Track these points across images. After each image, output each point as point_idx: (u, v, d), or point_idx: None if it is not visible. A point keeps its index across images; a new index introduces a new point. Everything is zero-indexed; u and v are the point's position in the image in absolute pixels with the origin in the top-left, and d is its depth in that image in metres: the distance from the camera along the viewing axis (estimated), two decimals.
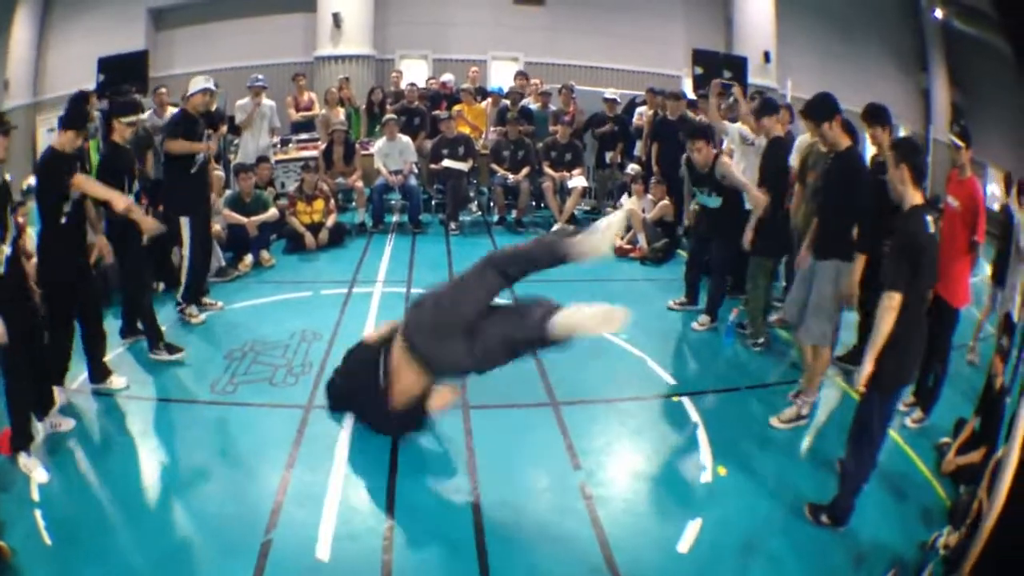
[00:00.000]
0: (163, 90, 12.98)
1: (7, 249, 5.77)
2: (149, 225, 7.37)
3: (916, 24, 18.85)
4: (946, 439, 6.45)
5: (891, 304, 4.93)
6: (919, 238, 5.01)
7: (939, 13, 18.17)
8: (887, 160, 5.33)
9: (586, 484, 5.86)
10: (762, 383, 7.81)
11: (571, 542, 5.24)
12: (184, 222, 8.65)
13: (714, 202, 8.73)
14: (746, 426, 6.89)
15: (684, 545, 5.20)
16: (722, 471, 6.09)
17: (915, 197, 5.12)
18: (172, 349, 7.96)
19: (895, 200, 5.28)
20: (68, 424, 6.56)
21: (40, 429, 6.30)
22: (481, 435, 6.55)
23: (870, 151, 7.74)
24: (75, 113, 6.79)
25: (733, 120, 10.22)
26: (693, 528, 5.36)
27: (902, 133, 19.35)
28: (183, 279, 8.87)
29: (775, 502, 5.75)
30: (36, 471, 5.90)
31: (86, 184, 6.53)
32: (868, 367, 5.01)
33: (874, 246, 6.33)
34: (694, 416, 6.98)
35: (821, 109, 6.59)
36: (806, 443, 6.71)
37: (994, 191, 9.56)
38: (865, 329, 7.21)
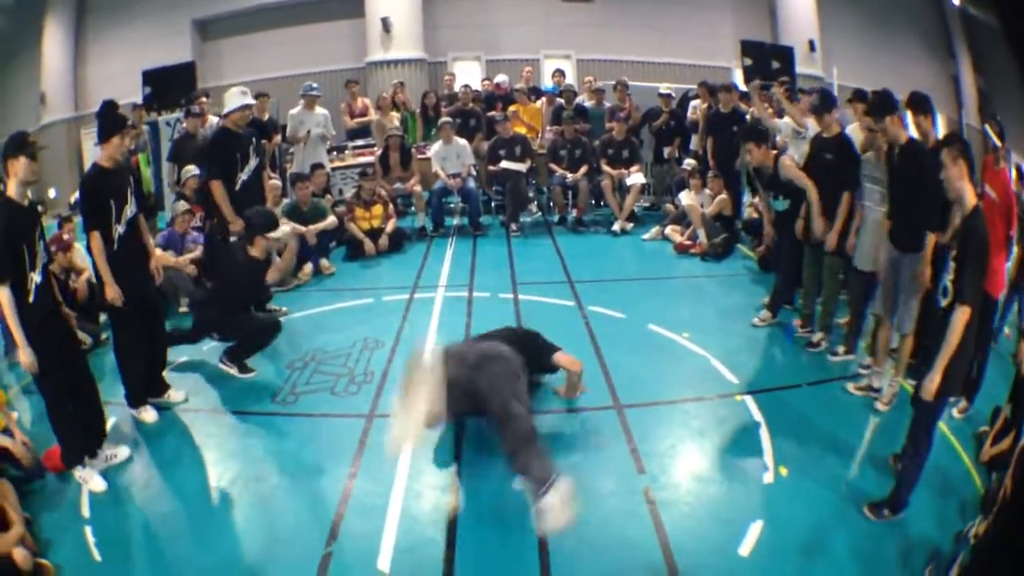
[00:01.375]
0: (204, 99, 13.01)
1: (37, 277, 5.74)
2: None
3: (940, 11, 18.71)
4: (985, 428, 6.36)
5: (965, 319, 4.86)
6: (987, 243, 4.93)
7: (956, 0, 17.97)
8: (943, 156, 5.17)
9: (650, 488, 5.80)
10: (822, 380, 7.65)
11: (633, 548, 5.18)
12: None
13: (781, 205, 8.60)
14: (807, 424, 6.77)
15: (745, 548, 5.13)
16: (784, 471, 6.00)
17: (973, 195, 5.04)
18: (244, 368, 7.95)
19: (952, 197, 5.19)
20: (123, 453, 6.49)
21: (95, 464, 6.24)
22: (546, 439, 6.42)
23: (857, 135, 7.86)
24: (107, 122, 6.68)
25: (781, 115, 10.10)
26: (754, 530, 5.29)
27: (939, 122, 19.19)
28: None
29: (834, 500, 5.67)
30: (93, 481, 6.00)
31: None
32: (937, 379, 4.97)
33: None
34: (756, 415, 6.87)
35: (882, 104, 6.61)
36: (865, 440, 6.60)
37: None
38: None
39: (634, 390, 7.29)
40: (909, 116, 7.14)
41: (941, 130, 16.58)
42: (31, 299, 5.67)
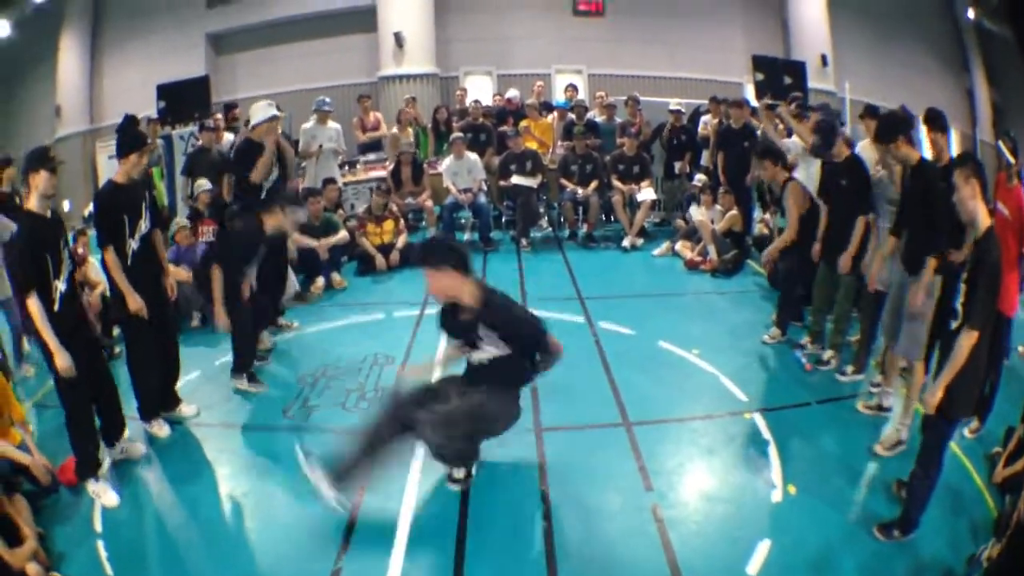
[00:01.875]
0: (218, 116, 13.14)
1: (62, 285, 5.88)
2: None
3: (955, 24, 18.73)
4: (998, 448, 6.31)
5: (972, 342, 4.84)
6: (999, 266, 4.90)
7: (971, 13, 17.99)
8: (955, 177, 5.11)
9: (658, 506, 5.81)
10: (832, 398, 7.66)
11: (641, 565, 5.20)
12: None
13: (783, 223, 8.67)
14: (816, 443, 6.80)
15: (753, 567, 5.14)
16: (792, 490, 6.00)
17: (986, 216, 5.01)
18: (254, 380, 8.03)
19: (964, 219, 5.14)
20: (139, 450, 6.68)
21: (108, 456, 6.43)
22: (554, 457, 6.54)
23: (869, 152, 7.84)
24: (127, 138, 6.80)
25: (791, 134, 10.15)
26: (762, 549, 5.29)
27: (953, 138, 19.13)
28: None
29: (843, 520, 5.67)
30: (106, 495, 6.06)
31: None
32: (939, 394, 4.96)
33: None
34: (765, 433, 6.88)
35: (888, 129, 6.57)
36: (873, 462, 6.53)
37: None
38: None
39: (643, 407, 7.30)
40: (924, 132, 7.16)
41: (955, 147, 16.58)
42: (56, 307, 5.81)
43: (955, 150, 18.68)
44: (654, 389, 7.72)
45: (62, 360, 5.73)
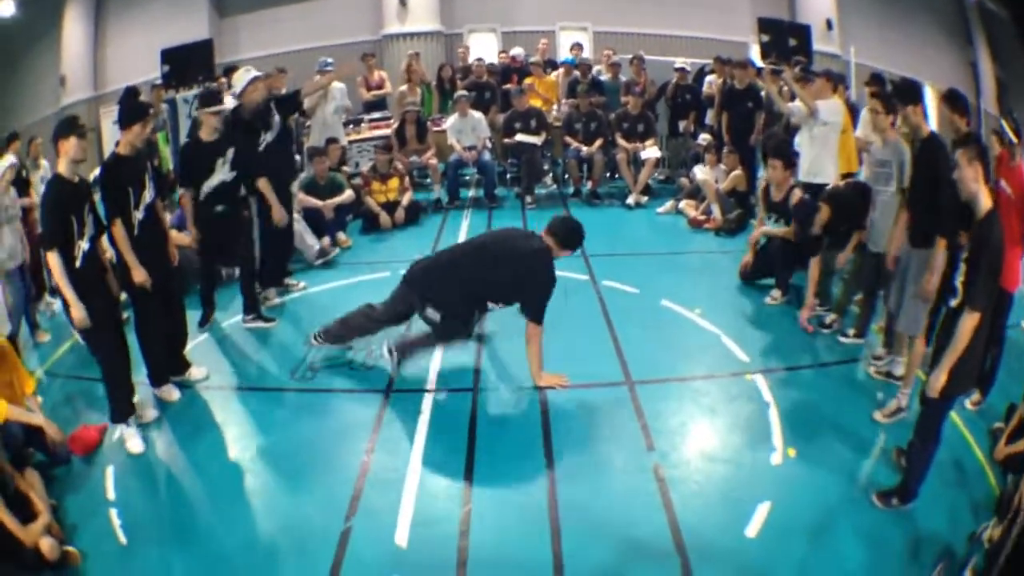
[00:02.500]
0: (222, 79, 13.11)
1: (85, 245, 6.08)
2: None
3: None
4: (1000, 424, 6.29)
5: (974, 324, 4.85)
6: (1001, 248, 4.92)
7: None
8: (958, 156, 5.06)
9: (660, 466, 5.90)
10: (833, 361, 7.71)
11: (642, 525, 5.28)
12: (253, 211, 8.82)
13: (775, 227, 8.86)
14: (817, 406, 6.83)
15: (752, 529, 5.21)
16: (792, 453, 6.07)
17: (988, 198, 5.00)
18: (266, 319, 8.44)
19: (965, 199, 5.10)
20: (151, 414, 6.81)
21: (128, 425, 6.47)
22: (557, 416, 6.62)
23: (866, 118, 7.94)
24: (128, 109, 6.86)
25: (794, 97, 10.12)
26: (762, 512, 5.36)
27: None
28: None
29: (842, 485, 5.72)
30: (132, 440, 6.31)
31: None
32: (943, 378, 4.98)
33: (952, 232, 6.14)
34: (767, 395, 6.93)
35: (907, 92, 6.53)
36: (874, 427, 6.55)
37: None
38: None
39: (646, 366, 7.37)
40: (941, 111, 6.93)
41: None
42: (79, 264, 6.02)
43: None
44: (657, 348, 7.80)
45: (78, 311, 5.95)
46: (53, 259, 5.86)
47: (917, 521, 5.31)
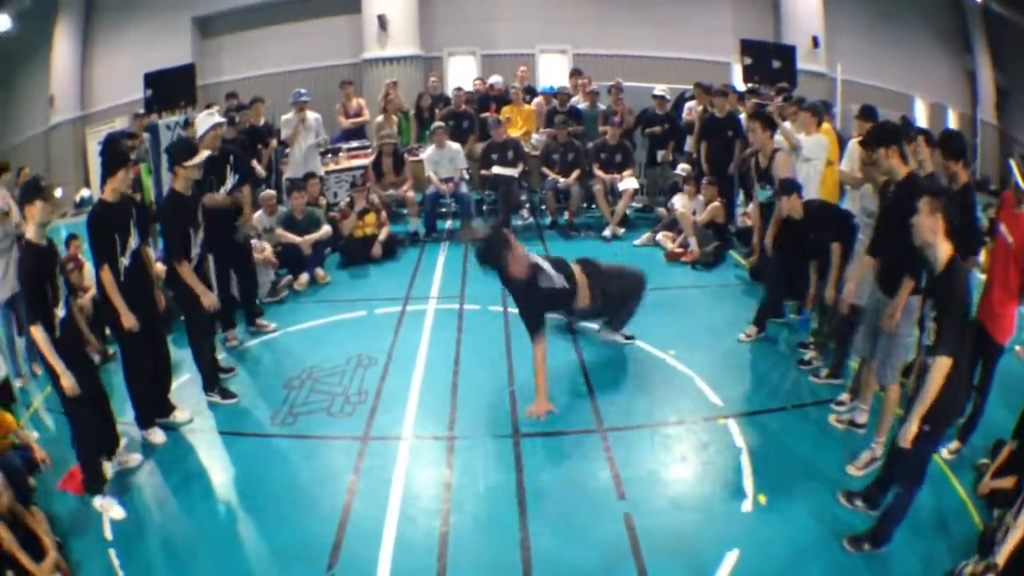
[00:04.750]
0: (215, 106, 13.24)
1: (61, 312, 6.09)
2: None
3: (958, 5, 18.64)
4: (985, 460, 6.40)
5: (944, 371, 4.88)
6: (967, 297, 4.99)
7: None
8: (921, 204, 5.05)
9: (630, 515, 5.98)
10: (807, 403, 7.77)
11: (613, 574, 5.41)
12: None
13: (763, 195, 9.11)
14: (789, 450, 6.91)
15: None
16: (762, 499, 6.15)
17: (947, 248, 5.00)
18: (226, 394, 8.10)
19: (918, 244, 5.13)
20: (135, 460, 6.88)
21: (109, 468, 6.62)
22: (531, 465, 6.71)
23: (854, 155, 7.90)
24: (111, 156, 6.92)
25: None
26: (730, 560, 5.46)
27: (951, 118, 19.19)
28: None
29: (812, 530, 5.80)
30: (112, 510, 6.27)
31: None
32: (915, 428, 5.01)
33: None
34: (739, 440, 7.02)
35: (879, 135, 6.38)
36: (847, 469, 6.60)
37: None
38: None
39: (618, 413, 7.47)
40: (935, 157, 6.95)
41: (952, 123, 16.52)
42: (57, 333, 6.02)
43: (951, 124, 18.78)
44: (629, 393, 7.87)
45: (67, 380, 5.98)
46: (38, 333, 5.90)
47: (890, 565, 5.40)
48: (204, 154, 7.67)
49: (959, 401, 5.38)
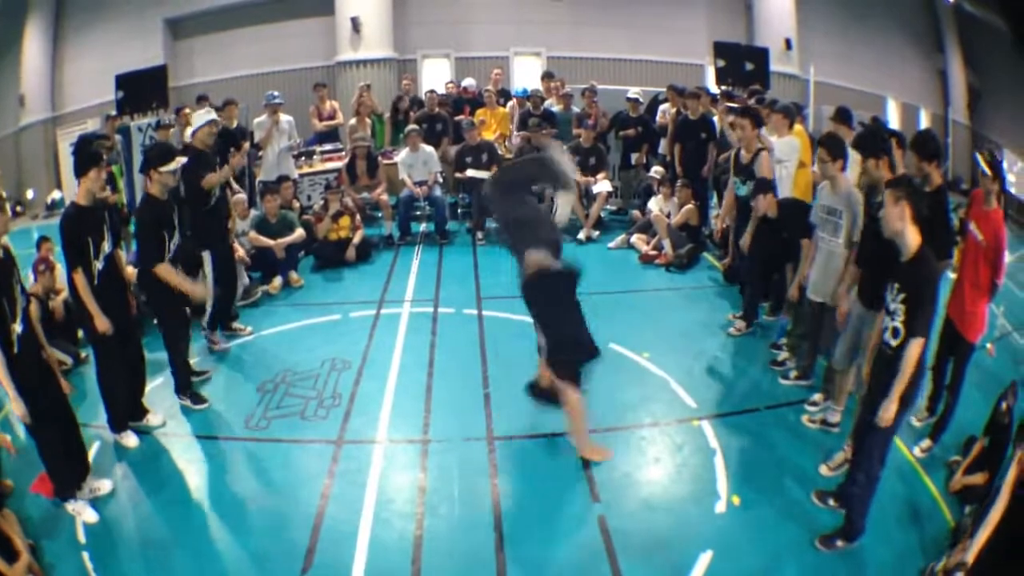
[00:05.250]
0: (186, 111, 13.21)
1: (19, 327, 5.84)
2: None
3: (930, 5, 18.74)
4: (957, 457, 6.48)
5: (919, 351, 4.99)
6: (936, 282, 5.10)
7: None
8: (886, 195, 5.16)
9: (605, 517, 6.02)
10: (782, 403, 7.82)
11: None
12: (206, 256, 8.86)
13: (743, 190, 9.05)
14: (763, 451, 6.97)
15: None
16: (736, 500, 6.20)
17: (916, 236, 5.07)
18: (197, 399, 8.03)
19: (887, 235, 5.19)
20: (106, 487, 6.62)
21: (76, 500, 6.35)
22: (506, 468, 6.74)
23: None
24: (83, 156, 6.80)
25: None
26: (704, 561, 5.51)
27: (923, 119, 19.31)
28: (208, 308, 9.05)
29: (786, 530, 5.85)
30: (85, 513, 6.21)
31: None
32: (894, 408, 5.08)
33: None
34: (713, 442, 7.06)
35: (871, 143, 6.43)
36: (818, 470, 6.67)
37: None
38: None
39: (593, 415, 7.27)
40: (908, 158, 6.85)
41: (924, 123, 16.62)
42: (15, 350, 5.77)
43: (923, 124, 18.90)
44: (604, 396, 7.80)
45: (19, 407, 5.78)
46: None
47: (864, 561, 5.47)
48: (180, 160, 7.66)
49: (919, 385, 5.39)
